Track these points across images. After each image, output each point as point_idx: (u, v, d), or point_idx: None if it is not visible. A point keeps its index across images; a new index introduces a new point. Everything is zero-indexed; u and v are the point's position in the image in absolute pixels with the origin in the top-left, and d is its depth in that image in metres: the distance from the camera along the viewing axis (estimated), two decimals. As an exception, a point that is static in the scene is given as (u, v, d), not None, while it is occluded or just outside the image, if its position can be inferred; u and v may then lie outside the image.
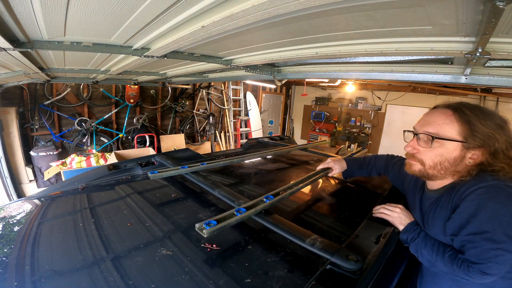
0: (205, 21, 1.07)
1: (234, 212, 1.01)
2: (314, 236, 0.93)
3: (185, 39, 1.31)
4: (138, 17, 1.18)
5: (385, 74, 1.96)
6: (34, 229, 1.08)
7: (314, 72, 2.42)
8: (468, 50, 1.19)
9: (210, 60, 2.13)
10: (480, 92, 5.97)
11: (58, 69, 2.64)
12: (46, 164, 4.24)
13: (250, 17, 0.96)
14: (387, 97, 7.71)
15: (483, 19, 0.87)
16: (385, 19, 1.09)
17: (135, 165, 1.80)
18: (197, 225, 0.90)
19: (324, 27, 1.30)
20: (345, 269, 0.82)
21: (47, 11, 1.08)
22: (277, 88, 9.24)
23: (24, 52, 1.66)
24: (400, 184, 1.37)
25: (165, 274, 0.82)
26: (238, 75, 3.14)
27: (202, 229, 0.88)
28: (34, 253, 0.91)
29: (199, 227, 0.89)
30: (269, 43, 1.70)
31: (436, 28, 1.10)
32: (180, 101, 6.39)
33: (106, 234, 1.03)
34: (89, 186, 1.52)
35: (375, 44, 1.42)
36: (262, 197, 1.15)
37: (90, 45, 1.61)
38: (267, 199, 1.13)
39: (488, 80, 1.55)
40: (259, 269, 0.86)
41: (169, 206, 1.31)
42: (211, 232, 0.87)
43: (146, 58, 1.81)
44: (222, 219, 0.94)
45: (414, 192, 1.17)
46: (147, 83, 4.78)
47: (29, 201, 1.36)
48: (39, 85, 4.37)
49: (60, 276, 0.81)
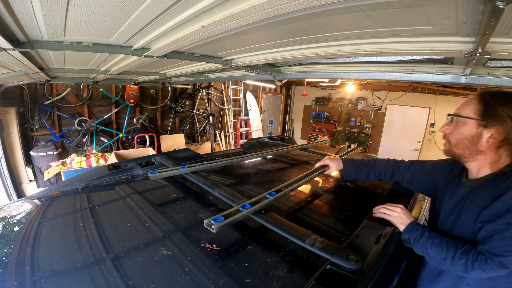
0: (205, 21, 1.07)
1: (240, 208, 1.04)
2: (314, 236, 0.93)
3: (185, 39, 1.31)
4: (138, 17, 1.18)
5: (385, 74, 1.96)
6: (34, 229, 1.08)
7: (314, 72, 2.42)
8: (468, 50, 1.19)
9: (210, 60, 2.13)
10: (480, 92, 5.96)
11: (58, 69, 2.64)
12: (46, 164, 4.24)
13: (250, 17, 0.96)
14: (387, 97, 7.71)
15: (483, 19, 0.87)
16: (385, 19, 1.09)
17: (135, 165, 1.80)
18: (205, 221, 0.92)
19: (324, 27, 1.30)
20: (345, 269, 0.82)
21: (47, 11, 1.08)
22: (277, 88, 9.24)
23: (24, 52, 1.65)
24: (423, 183, 1.33)
25: (165, 274, 0.82)
26: (238, 75, 3.14)
27: (210, 224, 0.90)
28: (34, 253, 0.91)
29: (207, 223, 0.91)
30: (269, 43, 1.69)
31: (436, 28, 1.10)
32: (180, 101, 6.39)
33: (106, 234, 1.03)
34: (89, 186, 1.52)
35: (375, 44, 1.42)
36: (265, 194, 1.18)
37: (90, 45, 1.61)
38: (270, 195, 1.17)
39: (488, 80, 1.55)
40: (259, 269, 0.86)
41: (169, 206, 1.31)
42: (220, 227, 0.90)
43: (146, 58, 1.81)
44: (228, 215, 0.97)
45: (448, 183, 1.16)
46: (147, 83, 4.78)
47: (29, 201, 1.36)
48: (39, 85, 4.37)
49: (60, 276, 0.81)
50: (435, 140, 6.99)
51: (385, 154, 7.66)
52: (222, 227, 0.90)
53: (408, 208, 1.34)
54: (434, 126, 6.92)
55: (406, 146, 7.47)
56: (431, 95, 6.83)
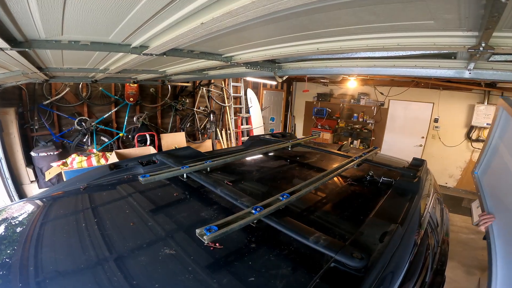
0: (204, 18, 1.07)
1: (252, 210, 1.03)
2: (317, 234, 0.94)
3: (185, 37, 1.31)
4: (136, 14, 1.17)
5: (387, 69, 1.96)
6: (37, 230, 1.09)
7: (316, 68, 2.41)
8: (471, 45, 1.19)
9: (210, 57, 2.13)
10: (484, 87, 5.94)
11: (56, 68, 2.64)
12: (47, 164, 4.26)
13: (250, 13, 0.96)
14: (390, 92, 7.68)
15: (486, 13, 0.87)
16: (386, 13, 1.09)
17: (137, 164, 1.81)
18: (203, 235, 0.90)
19: (325, 23, 1.29)
20: (349, 266, 0.82)
21: (44, 10, 1.08)
22: (278, 85, 9.22)
23: (22, 52, 1.66)
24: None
25: (169, 274, 0.82)
26: (239, 72, 3.14)
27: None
28: (38, 254, 0.92)
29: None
30: (269, 39, 1.69)
31: (438, 23, 1.09)
32: (180, 99, 6.39)
33: (109, 234, 1.04)
34: (91, 186, 1.53)
35: (377, 39, 1.42)
36: (278, 196, 1.16)
37: (88, 43, 1.61)
38: (283, 197, 1.15)
39: (492, 74, 1.54)
40: (262, 267, 0.86)
41: (172, 205, 1.32)
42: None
43: (145, 56, 1.81)
44: (237, 219, 0.96)
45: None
46: (147, 82, 4.78)
47: (31, 202, 1.37)
48: (38, 85, 4.37)
49: (64, 277, 0.82)
50: (439, 135, 6.97)
51: (388, 150, 7.64)
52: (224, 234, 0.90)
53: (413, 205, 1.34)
54: (438, 121, 6.91)
55: (409, 141, 7.45)
56: (435, 90, 6.80)
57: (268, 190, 1.56)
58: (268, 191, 1.55)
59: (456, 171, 6.91)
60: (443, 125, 6.88)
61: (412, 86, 7.07)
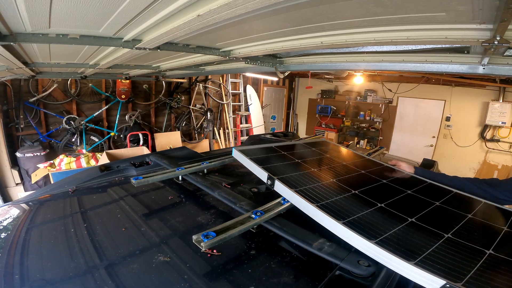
0: (201, 10, 1.07)
1: (252, 215, 1.04)
2: (321, 240, 0.94)
3: (180, 29, 1.31)
4: (129, 6, 1.17)
5: (396, 64, 1.95)
6: (23, 236, 1.08)
7: (319, 63, 2.41)
8: (485, 38, 1.18)
9: (207, 51, 2.12)
10: (499, 83, 5.93)
11: (43, 63, 2.64)
12: (33, 165, 4.25)
13: (249, 5, 0.95)
14: (399, 89, 7.68)
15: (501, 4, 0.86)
16: (394, 5, 1.09)
17: (129, 165, 1.81)
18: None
19: (329, 15, 1.29)
20: (355, 274, 0.83)
21: (30, 1, 1.08)
22: (279, 81, 9.22)
23: (6, 46, 1.65)
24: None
25: (163, 283, 0.82)
26: (238, 67, 3.13)
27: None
28: (23, 262, 0.92)
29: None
30: (270, 33, 1.69)
31: (450, 15, 1.09)
32: (175, 96, 6.39)
33: (99, 240, 1.04)
34: (80, 188, 1.53)
35: (385, 32, 1.42)
36: (279, 200, 1.17)
37: (77, 37, 1.61)
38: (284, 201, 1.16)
39: (507, 70, 1.54)
40: (263, 275, 0.86)
41: (166, 209, 1.32)
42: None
43: (138, 51, 1.81)
44: (237, 223, 0.96)
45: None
46: (140, 77, 4.78)
47: (16, 206, 1.37)
48: (24, 81, 4.37)
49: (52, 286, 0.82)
50: (451, 135, 6.96)
51: (397, 150, 7.64)
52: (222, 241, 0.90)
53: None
54: (449, 120, 6.89)
55: (419, 141, 7.44)
56: (446, 87, 6.78)
57: (269, 193, 1.56)
58: (268, 194, 1.55)
59: (469, 173, 6.89)
60: (456, 124, 6.85)
61: (422, 82, 7.06)
